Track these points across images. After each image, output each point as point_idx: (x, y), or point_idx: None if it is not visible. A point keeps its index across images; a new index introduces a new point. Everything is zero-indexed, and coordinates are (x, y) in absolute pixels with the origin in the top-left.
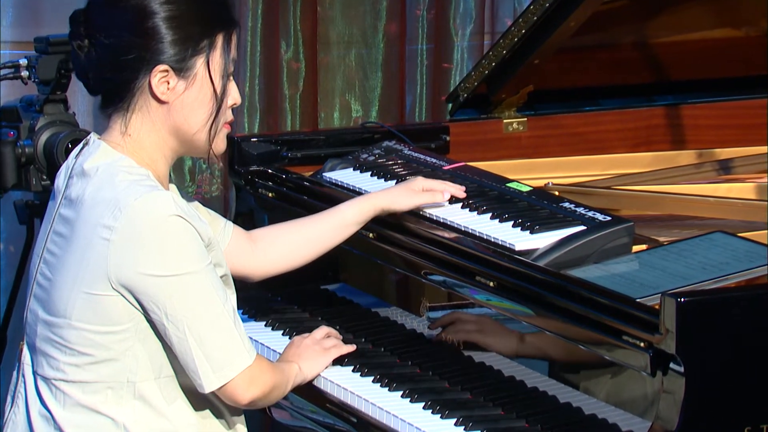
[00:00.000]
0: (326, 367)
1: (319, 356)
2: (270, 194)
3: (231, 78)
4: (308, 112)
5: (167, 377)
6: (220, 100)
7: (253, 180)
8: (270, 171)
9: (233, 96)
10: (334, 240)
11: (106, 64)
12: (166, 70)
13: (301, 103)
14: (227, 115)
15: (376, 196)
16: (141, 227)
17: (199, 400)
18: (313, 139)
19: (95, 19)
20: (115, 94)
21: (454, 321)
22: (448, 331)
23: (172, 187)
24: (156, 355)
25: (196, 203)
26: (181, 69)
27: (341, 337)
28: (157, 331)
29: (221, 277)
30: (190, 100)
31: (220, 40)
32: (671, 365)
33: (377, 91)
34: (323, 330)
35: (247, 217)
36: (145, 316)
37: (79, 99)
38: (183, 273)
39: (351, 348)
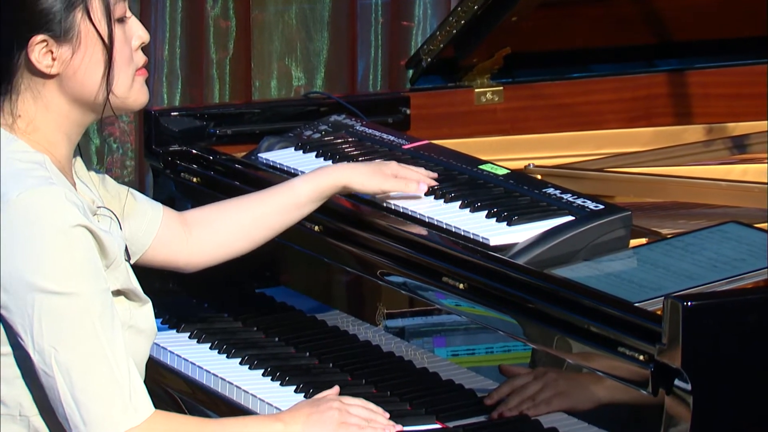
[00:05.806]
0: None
1: (330, 427)
2: (194, 179)
3: (126, 18)
4: (240, 81)
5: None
6: (109, 47)
7: (173, 162)
8: (194, 151)
9: (138, 34)
10: (285, 222)
11: None
12: (45, 40)
13: (231, 70)
14: (137, 59)
15: (337, 169)
16: (19, 227)
17: None
18: (246, 113)
19: None
20: None
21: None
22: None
23: (79, 165)
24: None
25: (106, 178)
26: (60, 32)
27: (386, 422)
28: None
29: (127, 291)
30: (81, 63)
31: None
32: (676, 382)
33: (323, 55)
34: (365, 403)
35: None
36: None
37: None
38: (61, 292)
39: None
